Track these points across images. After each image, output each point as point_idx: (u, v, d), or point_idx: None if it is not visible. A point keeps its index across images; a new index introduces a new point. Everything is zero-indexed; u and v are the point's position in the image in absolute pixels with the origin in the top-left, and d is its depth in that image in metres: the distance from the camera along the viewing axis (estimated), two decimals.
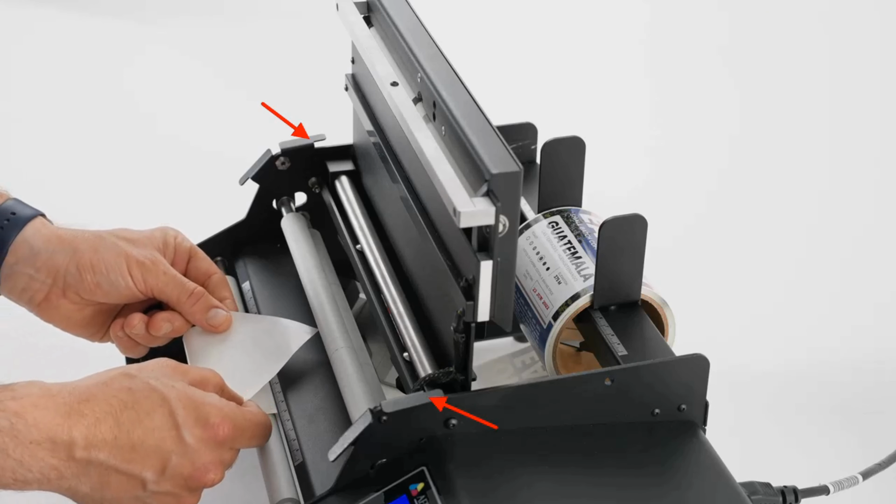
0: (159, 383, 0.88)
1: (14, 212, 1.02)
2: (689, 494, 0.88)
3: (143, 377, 0.88)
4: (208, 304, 1.03)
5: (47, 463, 0.82)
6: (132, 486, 0.86)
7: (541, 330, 1.01)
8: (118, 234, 1.03)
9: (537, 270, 1.03)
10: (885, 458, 1.02)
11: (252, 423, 0.92)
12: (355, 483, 0.89)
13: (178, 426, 0.87)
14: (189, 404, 0.88)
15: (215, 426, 0.88)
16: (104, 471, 0.85)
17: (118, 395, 0.86)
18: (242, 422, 0.90)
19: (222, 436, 0.89)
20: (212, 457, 0.89)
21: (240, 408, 0.92)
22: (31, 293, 1.02)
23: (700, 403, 0.93)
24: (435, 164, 0.87)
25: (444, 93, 0.90)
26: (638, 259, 0.97)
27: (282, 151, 1.14)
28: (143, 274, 1.01)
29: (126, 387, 0.87)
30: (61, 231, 1.02)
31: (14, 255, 1.00)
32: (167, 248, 1.05)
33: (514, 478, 0.86)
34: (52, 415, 0.83)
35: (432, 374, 0.91)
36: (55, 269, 1.00)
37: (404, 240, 1.02)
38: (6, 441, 0.80)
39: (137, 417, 0.85)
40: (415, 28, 0.99)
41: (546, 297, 1.01)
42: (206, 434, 0.88)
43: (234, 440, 0.90)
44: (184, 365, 0.93)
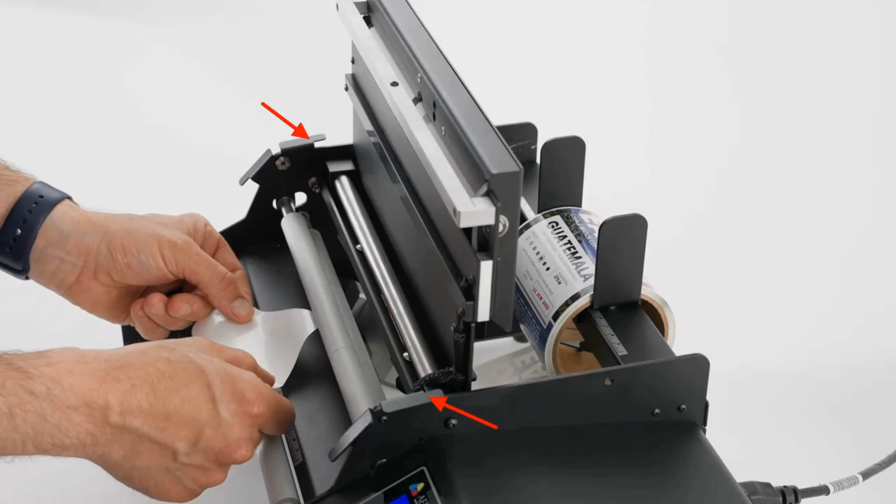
0: (197, 356, 0.89)
1: (42, 195, 1.02)
2: (689, 494, 0.88)
3: (182, 350, 0.89)
4: (237, 293, 1.04)
5: (84, 428, 0.83)
6: (164, 455, 0.87)
7: (541, 330, 1.01)
8: (149, 217, 1.03)
9: (537, 270, 1.03)
10: (885, 458, 1.02)
11: (283, 407, 0.93)
12: (355, 483, 0.89)
13: (215, 399, 0.87)
14: (226, 378, 0.89)
15: (250, 402, 0.89)
16: (137, 438, 0.86)
17: (156, 364, 0.87)
18: (275, 403, 0.92)
19: (256, 413, 0.90)
20: (244, 433, 0.89)
21: (272, 390, 0.93)
22: (61, 276, 1.02)
23: (700, 403, 0.93)
24: (435, 164, 0.87)
25: (444, 93, 0.90)
26: (638, 259, 0.97)
27: (282, 151, 1.14)
28: (175, 255, 1.01)
29: (164, 357, 0.88)
30: (90, 213, 1.03)
31: (44, 239, 1.01)
32: (197, 234, 1.06)
33: (513, 478, 0.86)
34: (88, 380, 0.83)
35: (432, 374, 0.91)
36: (86, 251, 1.01)
37: (404, 240, 1.02)
38: (44, 406, 0.81)
39: (174, 387, 0.86)
40: (415, 28, 0.99)
41: (546, 297, 1.01)
42: (241, 409, 0.89)
43: (266, 420, 0.91)
44: (219, 344, 0.94)
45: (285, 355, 1.02)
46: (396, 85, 0.96)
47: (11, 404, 0.80)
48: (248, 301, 1.05)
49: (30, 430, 0.81)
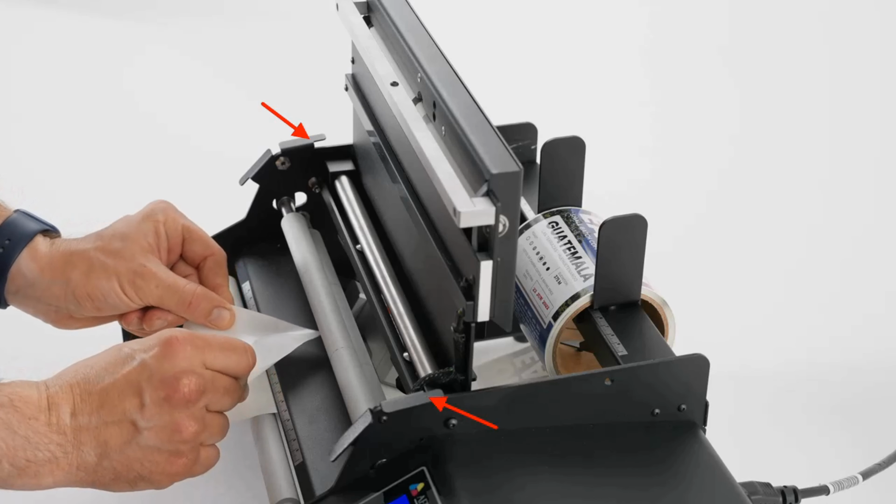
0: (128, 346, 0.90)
1: (10, 237, 1.02)
2: (689, 494, 0.88)
3: (120, 346, 0.91)
4: (209, 307, 1.03)
5: (50, 439, 0.84)
6: (125, 431, 0.87)
7: (541, 330, 1.01)
8: (106, 249, 1.02)
9: (537, 270, 1.03)
10: (885, 458, 1.03)
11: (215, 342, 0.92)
12: (355, 483, 0.89)
13: (134, 356, 0.88)
14: (142, 339, 0.90)
15: (169, 335, 0.89)
16: (94, 430, 0.86)
17: (88, 363, 0.89)
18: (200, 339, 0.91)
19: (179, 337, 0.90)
20: (181, 366, 0.89)
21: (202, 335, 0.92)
22: (42, 315, 1.05)
23: (700, 403, 0.94)
24: (435, 164, 0.87)
25: (444, 93, 0.90)
26: (638, 259, 0.97)
27: (282, 151, 1.14)
28: (136, 291, 1.02)
29: (100, 356, 0.90)
30: (54, 256, 1.02)
31: (14, 285, 1.02)
32: (159, 239, 1.05)
33: (513, 478, 0.87)
34: (34, 391, 0.86)
35: (432, 374, 0.91)
36: (55, 298, 1.02)
37: (404, 240, 1.02)
38: (10, 416, 0.83)
39: (99, 369, 0.88)
40: (415, 28, 0.99)
41: (546, 297, 1.01)
42: (161, 352, 0.88)
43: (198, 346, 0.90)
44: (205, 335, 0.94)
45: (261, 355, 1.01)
46: (396, 85, 0.96)
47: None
48: (224, 308, 1.03)
49: (2, 443, 0.83)
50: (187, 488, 1.05)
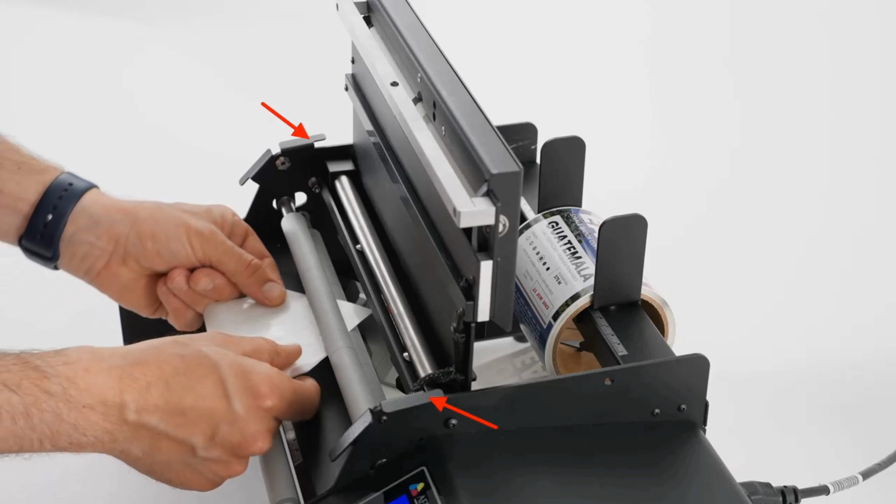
0: (211, 351, 0.89)
1: (71, 182, 1.03)
2: (689, 494, 0.88)
3: (195, 345, 0.90)
4: (264, 277, 1.05)
5: (101, 426, 0.84)
6: (182, 451, 0.88)
7: (541, 330, 1.01)
8: (176, 206, 1.05)
9: (537, 270, 1.03)
10: (885, 458, 1.03)
11: (301, 396, 0.93)
12: (355, 483, 0.89)
13: (228, 395, 0.88)
14: (239, 372, 0.89)
15: (264, 395, 0.90)
16: (155, 435, 0.87)
17: (170, 361, 0.87)
18: (290, 393, 0.92)
19: (270, 406, 0.90)
20: (260, 426, 0.90)
21: (290, 380, 0.93)
22: (90, 261, 1.03)
23: (700, 403, 0.93)
24: (435, 164, 0.87)
25: (444, 93, 0.90)
26: (638, 259, 0.97)
27: (282, 151, 1.14)
28: (202, 243, 1.03)
29: (178, 353, 0.88)
30: (120, 200, 1.04)
31: (74, 225, 1.02)
32: (225, 224, 1.07)
33: (514, 478, 0.86)
34: (104, 378, 0.84)
35: (432, 374, 0.91)
36: (116, 236, 1.02)
37: (404, 240, 1.02)
38: (60, 406, 0.82)
39: (188, 384, 0.87)
40: (415, 28, 0.99)
41: (546, 297, 1.01)
42: (255, 403, 0.89)
43: (282, 411, 0.91)
44: (235, 336, 0.95)
45: (318, 342, 1.02)
46: (396, 85, 0.96)
47: (28, 403, 0.81)
48: (277, 284, 1.05)
49: (46, 429, 0.82)
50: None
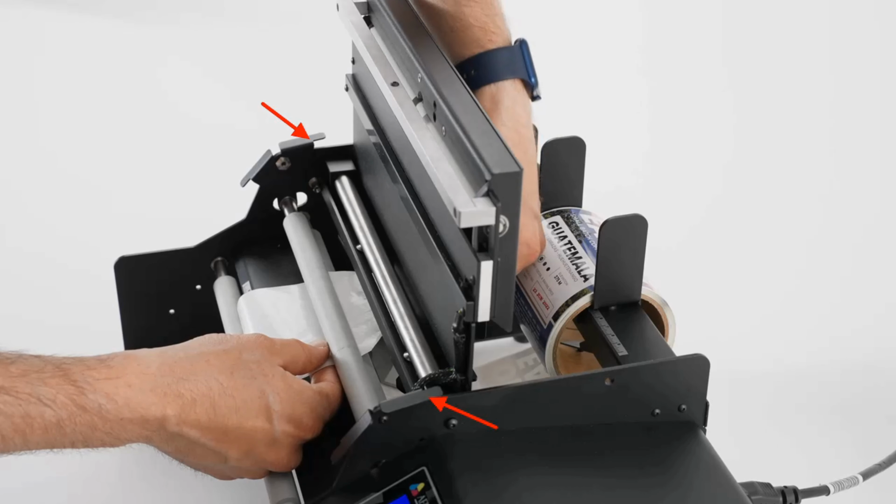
0: (258, 370, 0.90)
1: None
2: (689, 494, 0.88)
3: (245, 359, 0.90)
4: None
5: (138, 433, 0.85)
6: (215, 458, 0.90)
7: (541, 330, 1.01)
8: None
9: (537, 270, 1.03)
10: (885, 458, 1.02)
11: (333, 408, 0.95)
12: (355, 483, 0.89)
13: (272, 420, 0.90)
14: (286, 399, 0.90)
15: (307, 428, 0.92)
16: (191, 443, 0.88)
17: (219, 379, 0.88)
18: (326, 413, 0.94)
19: (310, 436, 0.93)
20: (294, 449, 0.92)
21: (326, 398, 0.94)
22: None
23: (700, 403, 0.94)
24: (435, 165, 0.87)
25: (445, 93, 0.90)
26: (638, 259, 0.97)
27: (282, 151, 1.14)
28: None
29: (229, 370, 0.89)
30: None
31: None
32: None
33: (514, 478, 0.86)
34: (148, 394, 0.85)
35: (432, 374, 0.91)
36: None
37: (404, 240, 1.02)
38: (94, 419, 0.83)
39: (235, 406, 0.88)
40: (415, 28, 0.99)
41: (546, 297, 1.01)
42: (297, 433, 0.91)
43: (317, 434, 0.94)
44: (276, 342, 0.95)
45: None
46: (397, 85, 0.96)
47: (61, 417, 0.82)
48: None
49: (79, 436, 0.83)
50: (187, 488, 1.05)
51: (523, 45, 1.02)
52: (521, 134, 0.99)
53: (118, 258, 1.14)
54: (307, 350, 0.98)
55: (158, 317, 1.17)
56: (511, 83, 1.01)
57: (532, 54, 1.02)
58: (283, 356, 0.94)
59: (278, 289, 1.09)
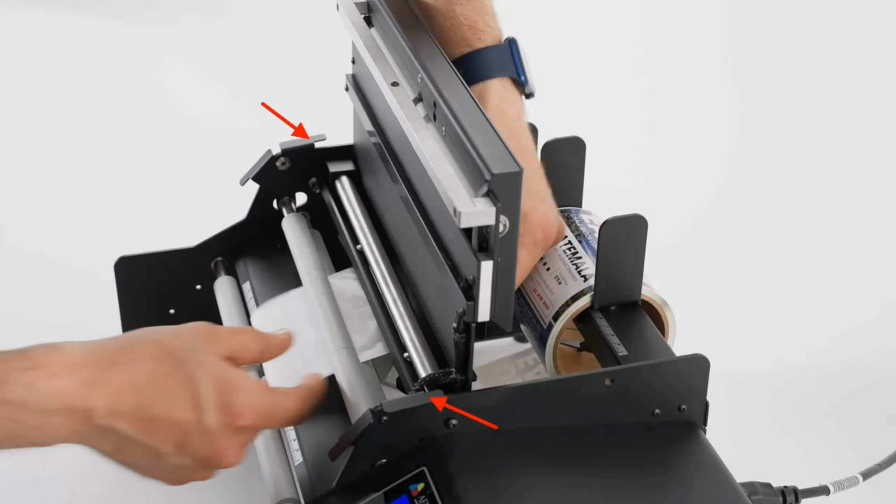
0: (189, 357, 0.86)
1: None
2: (690, 494, 0.88)
3: (175, 347, 0.86)
4: None
5: (67, 428, 0.82)
6: (149, 455, 0.86)
7: (541, 330, 1.01)
8: None
9: (537, 270, 1.03)
10: (885, 458, 1.02)
11: (282, 411, 0.90)
12: (355, 483, 0.89)
13: (201, 409, 0.85)
14: (216, 386, 0.86)
15: (239, 415, 0.87)
16: (122, 438, 0.84)
17: (144, 367, 0.84)
18: (270, 409, 0.89)
19: (244, 424, 0.87)
20: (231, 441, 0.87)
21: (271, 394, 0.90)
22: None
23: (700, 403, 0.94)
24: (435, 165, 0.87)
25: (445, 93, 0.90)
26: (638, 259, 0.97)
27: (282, 152, 1.14)
28: None
29: (154, 357, 0.85)
30: None
31: None
32: None
33: (514, 478, 0.87)
34: (72, 383, 0.81)
35: (432, 375, 0.91)
36: None
37: (404, 240, 1.02)
38: (17, 412, 0.79)
39: (161, 393, 0.84)
40: (415, 28, 0.99)
41: (546, 297, 1.01)
42: (228, 421, 0.86)
43: (258, 428, 0.89)
44: (221, 331, 0.91)
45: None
46: (397, 85, 0.96)
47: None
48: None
49: (4, 433, 0.80)
50: (187, 488, 1.05)
51: (512, 43, 1.02)
52: (511, 127, 0.99)
53: (118, 258, 1.14)
54: (262, 338, 0.93)
55: (158, 317, 1.17)
56: (499, 81, 1.00)
57: (524, 53, 1.02)
58: (226, 346, 0.89)
59: (285, 295, 1.09)
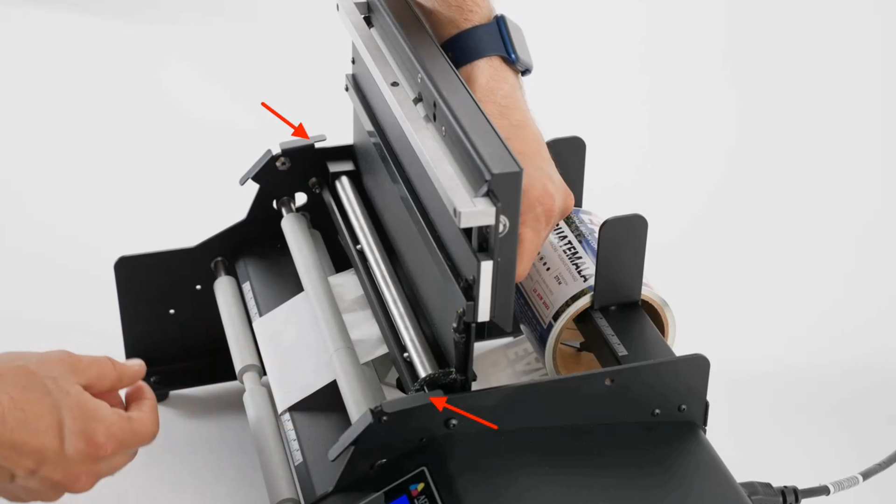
0: (55, 386, 0.88)
1: None
2: (690, 494, 0.88)
3: (41, 375, 0.88)
4: None
5: None
6: (1, 475, 0.87)
7: (541, 330, 1.01)
8: None
9: (537, 270, 1.03)
10: (885, 458, 1.03)
11: (139, 438, 0.92)
12: (355, 483, 0.89)
13: (63, 437, 0.87)
14: (79, 416, 0.88)
15: (99, 445, 0.88)
16: None
17: (10, 393, 0.86)
18: (128, 438, 0.90)
19: (103, 454, 0.89)
20: (87, 469, 0.89)
21: (129, 423, 0.91)
22: None
23: (700, 403, 0.94)
24: (435, 165, 0.87)
25: (445, 93, 0.90)
26: (638, 259, 0.97)
27: (282, 152, 1.14)
28: None
29: (21, 385, 0.86)
30: None
31: None
32: None
33: (514, 478, 0.87)
34: None
35: (432, 375, 0.91)
36: None
37: (404, 240, 1.02)
38: None
39: (25, 420, 0.85)
40: (415, 28, 0.99)
41: (546, 297, 1.01)
42: (88, 450, 0.88)
43: (115, 455, 0.90)
44: (82, 360, 0.92)
45: None
46: (397, 85, 0.96)
47: None
48: None
49: None
50: (187, 488, 1.06)
51: (500, 20, 1.00)
52: (501, 105, 0.97)
53: (118, 258, 1.14)
54: (118, 368, 0.94)
55: (158, 317, 1.17)
56: (486, 61, 0.98)
57: (516, 28, 1.00)
58: (85, 375, 0.91)
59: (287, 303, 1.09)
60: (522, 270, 0.93)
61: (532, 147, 0.96)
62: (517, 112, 0.98)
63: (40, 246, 1.40)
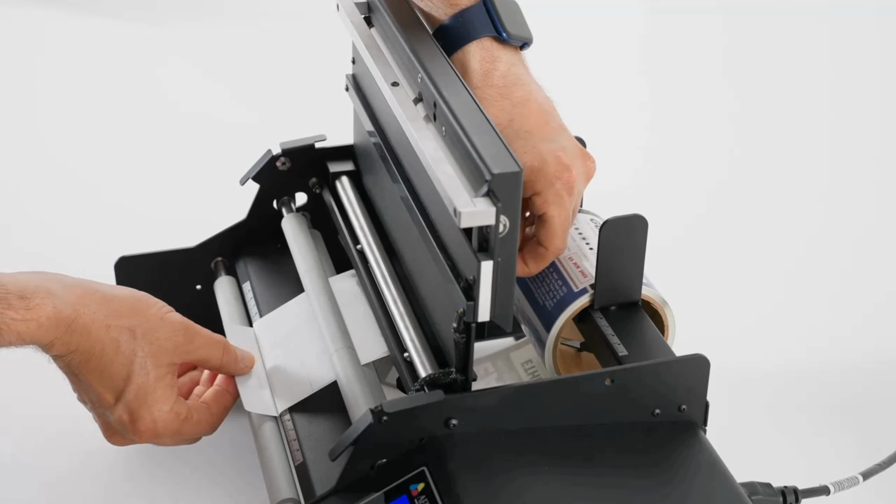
0: (143, 357, 0.92)
1: None
2: (690, 494, 0.88)
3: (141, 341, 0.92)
4: None
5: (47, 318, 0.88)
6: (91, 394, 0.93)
7: (568, 293, 0.99)
8: None
9: (572, 238, 1.02)
10: (885, 458, 1.02)
11: (180, 438, 0.96)
12: (356, 483, 0.89)
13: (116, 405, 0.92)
14: (138, 396, 0.92)
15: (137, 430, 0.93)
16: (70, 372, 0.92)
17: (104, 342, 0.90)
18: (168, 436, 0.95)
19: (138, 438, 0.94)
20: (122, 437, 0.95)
21: (178, 422, 0.95)
22: None
23: (700, 403, 0.94)
24: (435, 165, 0.87)
25: (445, 93, 0.90)
26: (638, 259, 0.97)
27: (282, 151, 1.14)
28: None
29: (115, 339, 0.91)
30: None
31: None
32: None
33: (514, 478, 0.87)
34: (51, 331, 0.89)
35: (432, 375, 0.91)
36: None
37: (404, 240, 1.02)
38: None
39: (101, 370, 0.91)
40: (415, 28, 0.99)
41: (582, 265, 1.00)
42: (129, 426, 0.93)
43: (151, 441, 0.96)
44: (196, 339, 0.96)
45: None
46: (397, 85, 0.96)
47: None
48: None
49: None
50: (187, 488, 1.05)
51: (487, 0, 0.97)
52: (498, 86, 0.96)
53: (118, 258, 1.14)
54: (225, 359, 0.98)
55: None
56: (476, 44, 0.97)
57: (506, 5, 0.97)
58: (190, 356, 0.96)
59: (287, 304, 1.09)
60: (558, 246, 0.93)
61: (538, 121, 0.95)
62: (517, 88, 0.96)
63: (40, 246, 1.39)
